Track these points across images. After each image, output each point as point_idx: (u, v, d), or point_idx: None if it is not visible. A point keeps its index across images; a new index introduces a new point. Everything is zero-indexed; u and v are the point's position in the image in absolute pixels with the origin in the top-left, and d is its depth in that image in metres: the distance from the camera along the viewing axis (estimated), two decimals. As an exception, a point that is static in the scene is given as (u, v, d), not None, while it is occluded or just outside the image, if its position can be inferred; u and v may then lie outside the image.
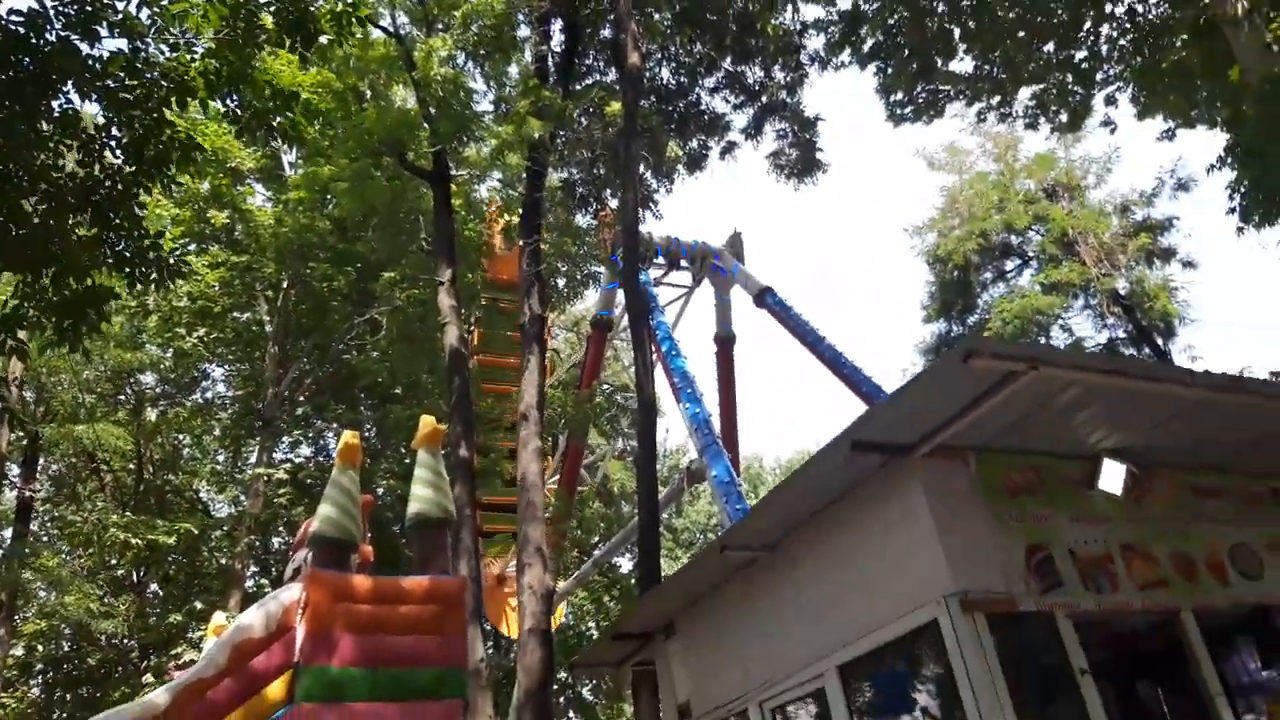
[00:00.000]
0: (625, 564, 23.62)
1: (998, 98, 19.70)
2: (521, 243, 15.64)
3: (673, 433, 38.63)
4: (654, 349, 16.34)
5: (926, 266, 29.29)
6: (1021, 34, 17.25)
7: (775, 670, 7.06)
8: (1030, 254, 27.88)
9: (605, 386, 22.20)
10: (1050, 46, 17.49)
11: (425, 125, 15.90)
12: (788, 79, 20.57)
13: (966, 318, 28.39)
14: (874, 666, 6.20)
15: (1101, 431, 6.37)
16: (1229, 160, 15.27)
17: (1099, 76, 17.75)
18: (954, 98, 19.65)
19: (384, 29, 17.96)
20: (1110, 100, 17.96)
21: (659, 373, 17.76)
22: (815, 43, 19.64)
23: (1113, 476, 6.41)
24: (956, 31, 18.68)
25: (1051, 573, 5.88)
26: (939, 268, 28.38)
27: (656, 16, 20.08)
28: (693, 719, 8.20)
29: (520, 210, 17.17)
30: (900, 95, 19.68)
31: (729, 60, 20.65)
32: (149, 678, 17.98)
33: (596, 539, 21.30)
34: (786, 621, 7.02)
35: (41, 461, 24.52)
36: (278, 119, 8.41)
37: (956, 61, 18.92)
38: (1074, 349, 21.31)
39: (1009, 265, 28.65)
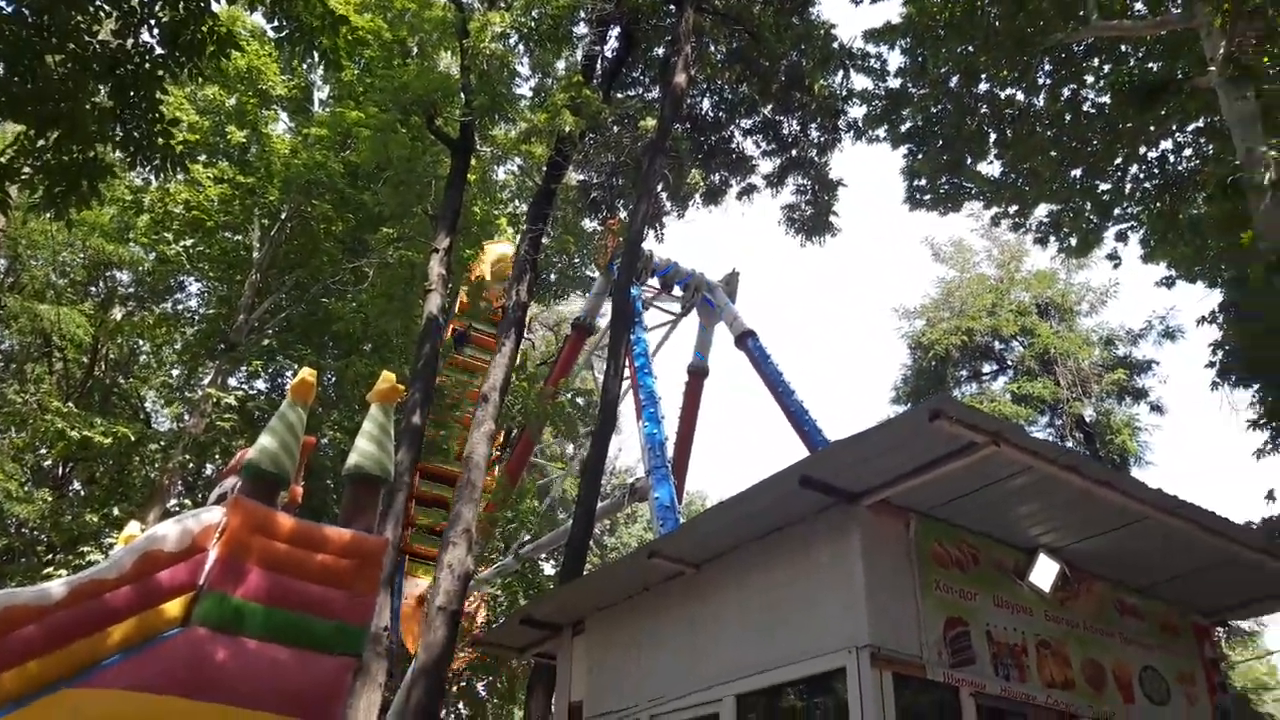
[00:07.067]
0: (549, 569, 23.44)
1: (1016, 207, 20.06)
2: (525, 228, 15.67)
3: (625, 453, 38.58)
4: (628, 363, 16.33)
5: (908, 350, 29.66)
6: (1054, 153, 17.61)
7: (673, 687, 7.03)
8: (1009, 362, 28.27)
9: (570, 392, 22.12)
10: (1078, 172, 17.84)
11: (462, 94, 15.94)
12: (821, 139, 20.90)
13: (934, 407, 28.60)
14: (773, 702, 6.19)
15: (1044, 526, 6.45)
16: (1219, 319, 15.64)
17: (1116, 211, 18.08)
18: (974, 196, 19.97)
19: (447, -9, 18.06)
20: (1121, 236, 18.27)
21: (626, 391, 17.81)
22: (856, 111, 19.95)
23: (1045, 573, 6.49)
24: (993, 135, 19.02)
25: (965, 649, 5.93)
26: (919, 354, 28.71)
27: (712, 49, 20.35)
28: (582, 720, 8.13)
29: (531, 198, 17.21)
30: (923, 181, 20.00)
31: (770, 108, 20.94)
32: (50, 571, 17.53)
33: (528, 538, 21.16)
34: (697, 641, 7.01)
35: (-3, 332, 24.04)
36: (322, 40, 8.40)
37: (985, 163, 19.27)
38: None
39: (986, 368, 29.05)
